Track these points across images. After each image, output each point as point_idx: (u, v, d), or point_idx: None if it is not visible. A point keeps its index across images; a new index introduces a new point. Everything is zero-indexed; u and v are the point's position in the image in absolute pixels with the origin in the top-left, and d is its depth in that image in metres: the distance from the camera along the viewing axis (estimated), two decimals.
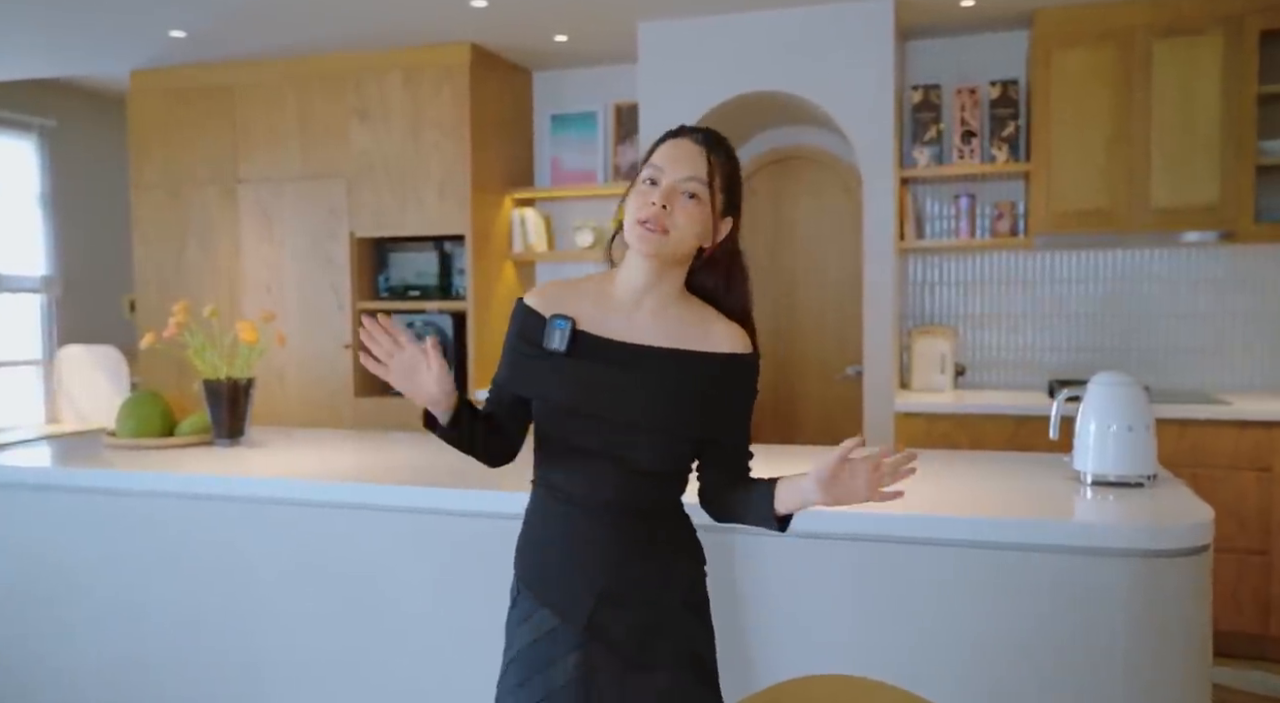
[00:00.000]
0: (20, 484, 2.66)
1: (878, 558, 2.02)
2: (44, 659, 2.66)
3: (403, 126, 4.57)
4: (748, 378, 1.64)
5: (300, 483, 2.40)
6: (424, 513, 2.31)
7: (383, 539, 2.36)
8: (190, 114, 4.89)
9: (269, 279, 4.81)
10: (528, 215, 4.85)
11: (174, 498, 2.50)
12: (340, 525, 2.39)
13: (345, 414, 4.69)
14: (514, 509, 2.22)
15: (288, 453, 2.85)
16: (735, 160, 1.60)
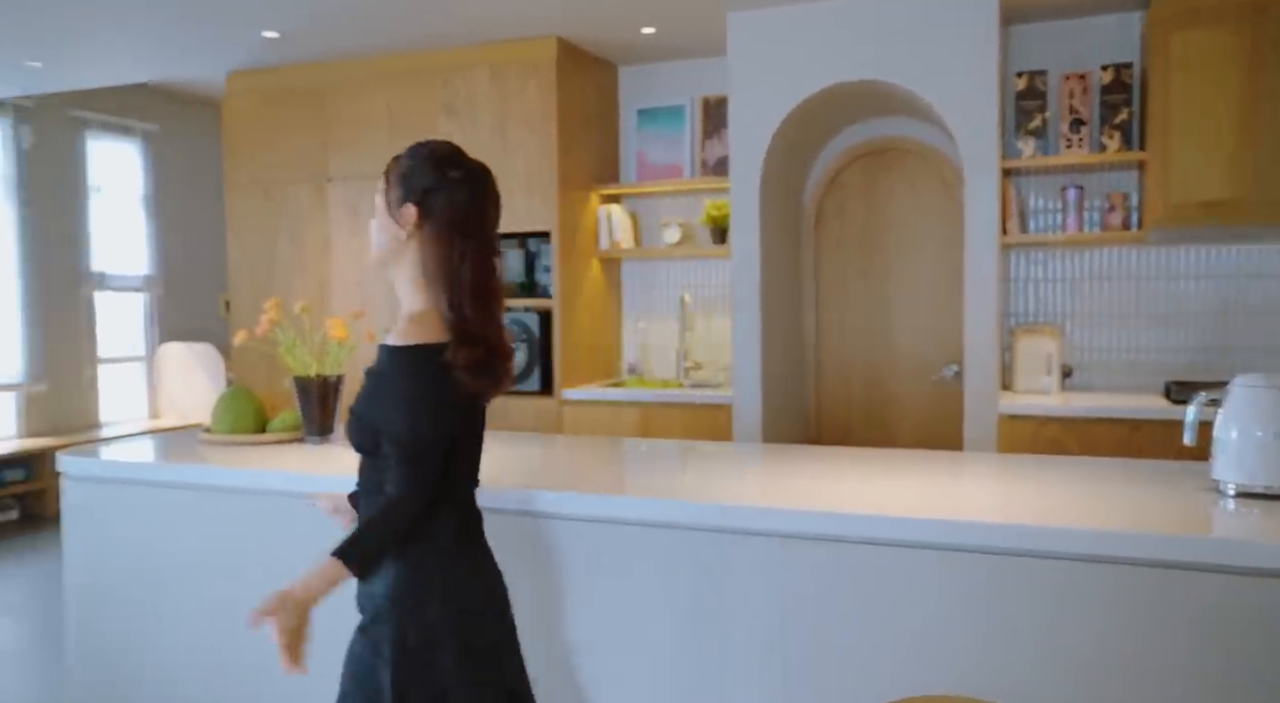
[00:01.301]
0: (121, 479, 2.69)
1: (988, 572, 1.89)
2: (144, 651, 2.69)
3: (489, 123, 4.55)
4: (372, 369, 1.76)
5: None
6: (514, 515, 2.25)
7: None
8: (282, 114, 4.96)
9: (358, 276, 4.85)
10: (614, 212, 4.78)
11: (267, 495, 2.50)
12: None
13: None
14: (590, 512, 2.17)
15: None
16: (419, 154, 1.79)
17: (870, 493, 2.21)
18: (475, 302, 1.67)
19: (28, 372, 6.33)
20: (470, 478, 1.78)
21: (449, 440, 1.66)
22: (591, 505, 2.19)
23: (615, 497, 2.20)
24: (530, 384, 4.63)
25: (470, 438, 1.75)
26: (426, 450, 1.63)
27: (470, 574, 1.74)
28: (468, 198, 1.73)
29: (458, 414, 1.68)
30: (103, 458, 2.73)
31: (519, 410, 4.54)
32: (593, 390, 4.46)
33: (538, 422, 4.51)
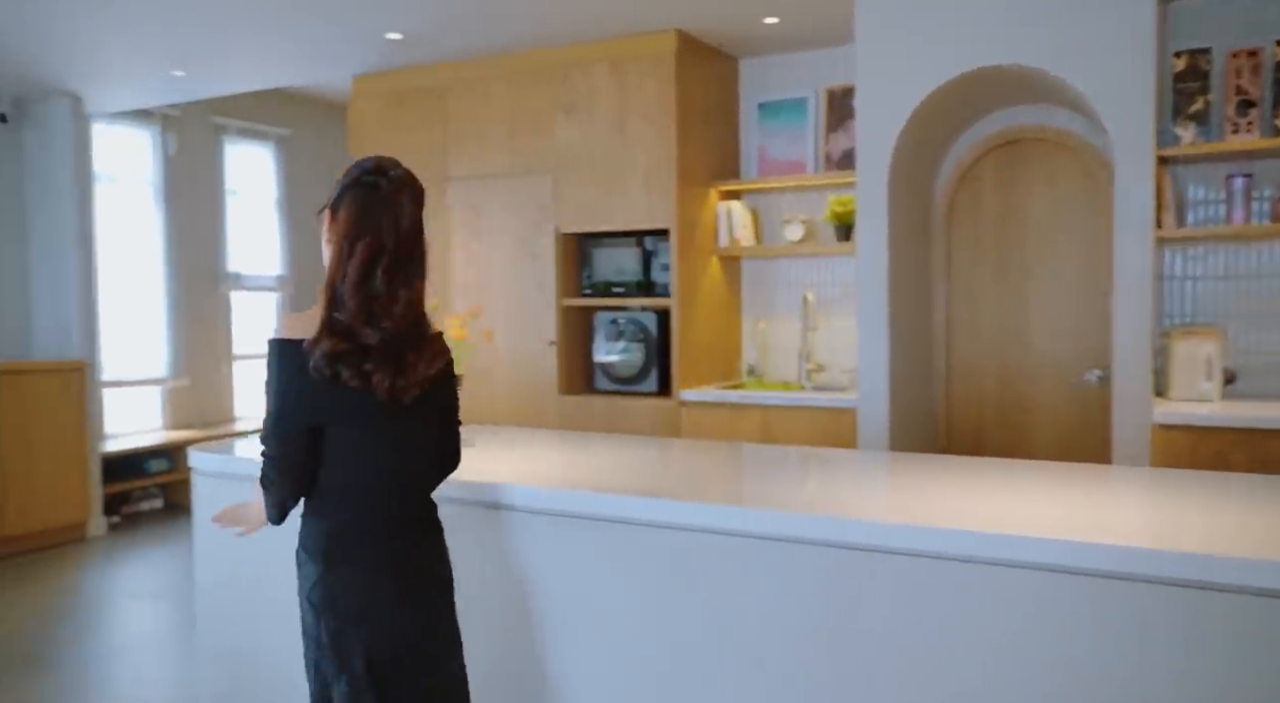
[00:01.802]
0: (245, 476, 2.73)
1: (1145, 602, 1.68)
2: (268, 649, 2.73)
3: (608, 119, 4.49)
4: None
5: (513, 489, 2.32)
6: (637, 525, 2.17)
7: (590, 548, 2.24)
8: (405, 115, 5.03)
9: (477, 276, 4.87)
10: (734, 208, 4.66)
11: None
12: (547, 532, 2.28)
13: (550, 411, 4.67)
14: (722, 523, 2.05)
15: (496, 454, 2.79)
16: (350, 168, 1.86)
17: (1011, 510, 2.03)
18: (355, 299, 1.75)
19: (171, 367, 6.63)
20: (348, 487, 1.81)
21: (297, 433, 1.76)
22: (711, 516, 2.08)
23: (736, 507, 2.08)
24: (648, 385, 4.55)
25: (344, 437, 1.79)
26: (270, 435, 1.78)
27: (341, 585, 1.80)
28: (360, 202, 1.80)
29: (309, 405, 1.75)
30: (228, 455, 2.78)
31: (636, 411, 4.47)
32: (711, 392, 4.35)
33: (655, 423, 4.42)
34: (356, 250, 1.77)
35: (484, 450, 2.82)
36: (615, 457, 2.74)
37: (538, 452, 2.87)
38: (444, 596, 1.94)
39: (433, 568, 1.92)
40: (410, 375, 1.78)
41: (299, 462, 1.78)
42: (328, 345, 1.72)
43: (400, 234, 1.80)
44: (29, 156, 5.82)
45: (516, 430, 3.27)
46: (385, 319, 1.76)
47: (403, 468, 1.85)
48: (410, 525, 1.88)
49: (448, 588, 1.96)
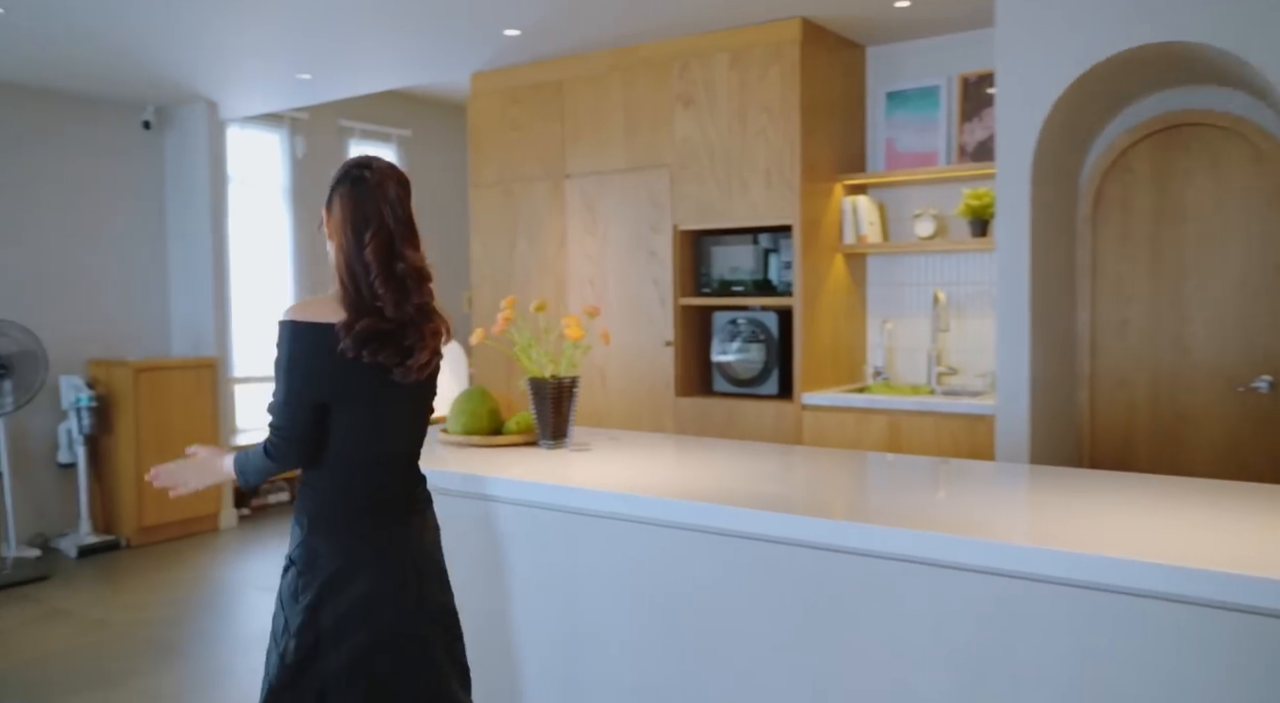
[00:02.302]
0: None
1: None
2: None
3: (727, 112, 4.34)
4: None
5: (627, 498, 2.20)
6: (759, 541, 2.02)
7: (710, 564, 2.10)
8: (523, 112, 4.99)
9: (592, 274, 4.79)
10: (860, 203, 4.44)
11: (499, 503, 2.40)
12: (665, 545, 2.16)
13: (666, 414, 4.56)
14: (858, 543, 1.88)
15: (611, 460, 2.68)
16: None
17: (1179, 537, 1.79)
18: (386, 282, 1.87)
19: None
20: (348, 461, 1.90)
21: (307, 408, 1.85)
22: (845, 535, 1.91)
23: (872, 527, 1.90)
24: (767, 387, 4.38)
25: (349, 412, 1.88)
26: (280, 410, 1.86)
27: (325, 548, 1.88)
28: (353, 193, 1.90)
29: (322, 382, 1.85)
30: None
31: (755, 415, 4.30)
32: (835, 396, 4.15)
33: (775, 429, 4.25)
34: (366, 239, 1.87)
35: (599, 455, 2.71)
36: (736, 465, 2.60)
37: (655, 458, 2.75)
38: (428, 572, 2.00)
39: (418, 542, 1.99)
40: (432, 351, 1.94)
41: (305, 436, 1.87)
42: (368, 323, 1.84)
43: (398, 218, 1.91)
44: (169, 161, 6.06)
45: (632, 435, 3.16)
46: (416, 296, 1.91)
47: (402, 444, 1.99)
48: (403, 500, 1.98)
49: (433, 563, 2.03)
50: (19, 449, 5.38)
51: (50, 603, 4.52)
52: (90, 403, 5.37)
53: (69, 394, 5.40)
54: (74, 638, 4.06)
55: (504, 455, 2.71)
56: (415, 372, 1.90)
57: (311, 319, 1.85)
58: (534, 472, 2.47)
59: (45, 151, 5.48)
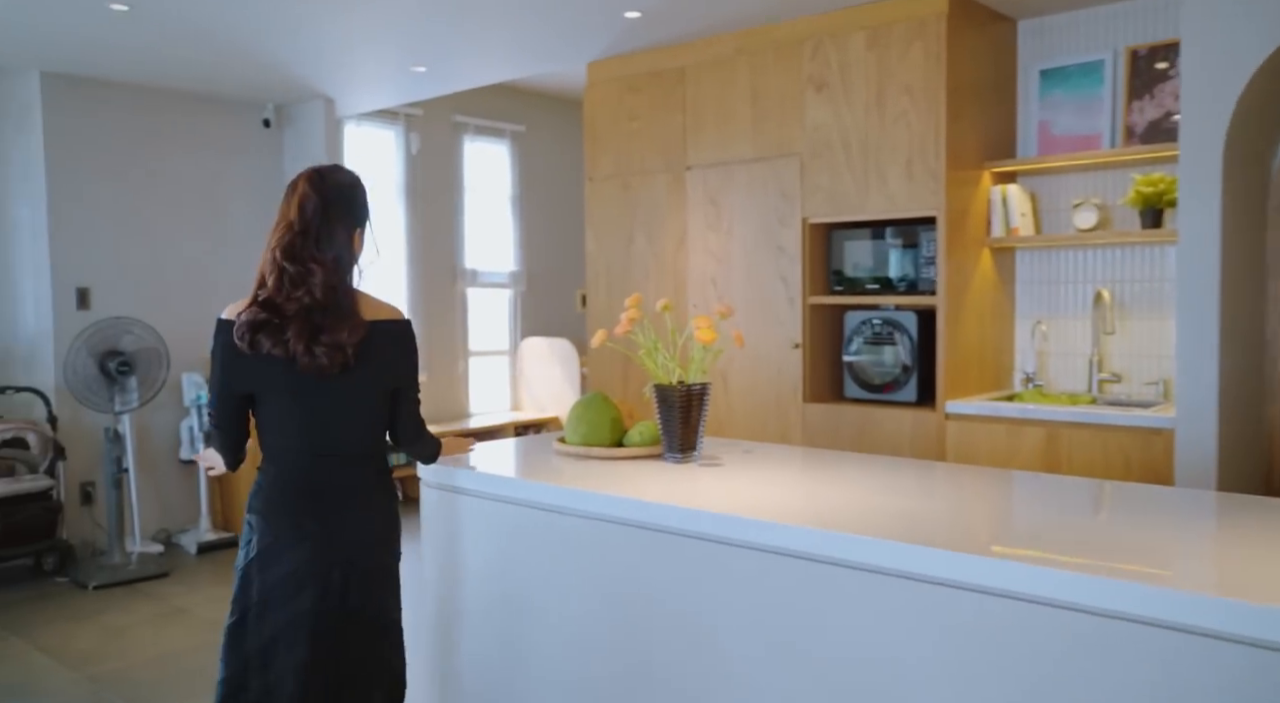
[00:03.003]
0: (468, 491, 2.50)
1: None
2: (495, 669, 2.48)
3: (864, 95, 4.00)
4: None
5: (769, 527, 1.92)
6: (918, 581, 1.71)
7: (868, 608, 1.80)
8: (642, 101, 4.75)
9: (714, 271, 4.52)
10: (1010, 193, 4.03)
11: (621, 526, 2.16)
12: (805, 579, 1.87)
13: (793, 422, 4.25)
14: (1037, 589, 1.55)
15: (746, 477, 2.40)
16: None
17: None
18: (273, 274, 2.00)
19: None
20: (277, 449, 2.04)
21: (227, 399, 2.04)
22: (1020, 578, 1.59)
23: (1050, 570, 1.57)
24: (905, 394, 4.03)
25: (272, 404, 2.02)
26: (211, 400, 2.08)
27: (257, 530, 2.03)
28: (282, 200, 2.08)
29: (238, 374, 2.01)
30: (450, 466, 2.56)
31: (891, 424, 3.95)
32: (983, 404, 3.76)
33: (914, 439, 3.89)
34: (272, 239, 2.03)
35: (732, 472, 2.44)
36: (875, 483, 2.28)
37: (792, 476, 2.45)
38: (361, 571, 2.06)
39: (354, 537, 2.06)
40: (326, 344, 1.95)
41: (231, 423, 2.07)
42: (249, 315, 1.98)
43: (305, 215, 2.01)
44: (287, 158, 6.07)
45: (764, 448, 2.87)
46: (300, 290, 1.97)
47: (331, 436, 2.04)
48: (336, 492, 2.05)
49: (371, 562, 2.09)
50: (144, 446, 5.44)
51: (169, 600, 4.52)
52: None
53: (190, 391, 5.44)
54: (189, 638, 4.02)
55: (627, 470, 2.47)
56: (312, 363, 1.95)
57: (227, 315, 2.04)
58: (663, 491, 2.21)
59: (167, 150, 5.54)
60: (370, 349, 2.02)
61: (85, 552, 5.15)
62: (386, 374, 2.07)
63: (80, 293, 5.19)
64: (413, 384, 2.15)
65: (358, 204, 2.11)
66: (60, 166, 5.10)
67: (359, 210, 2.11)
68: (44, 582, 4.81)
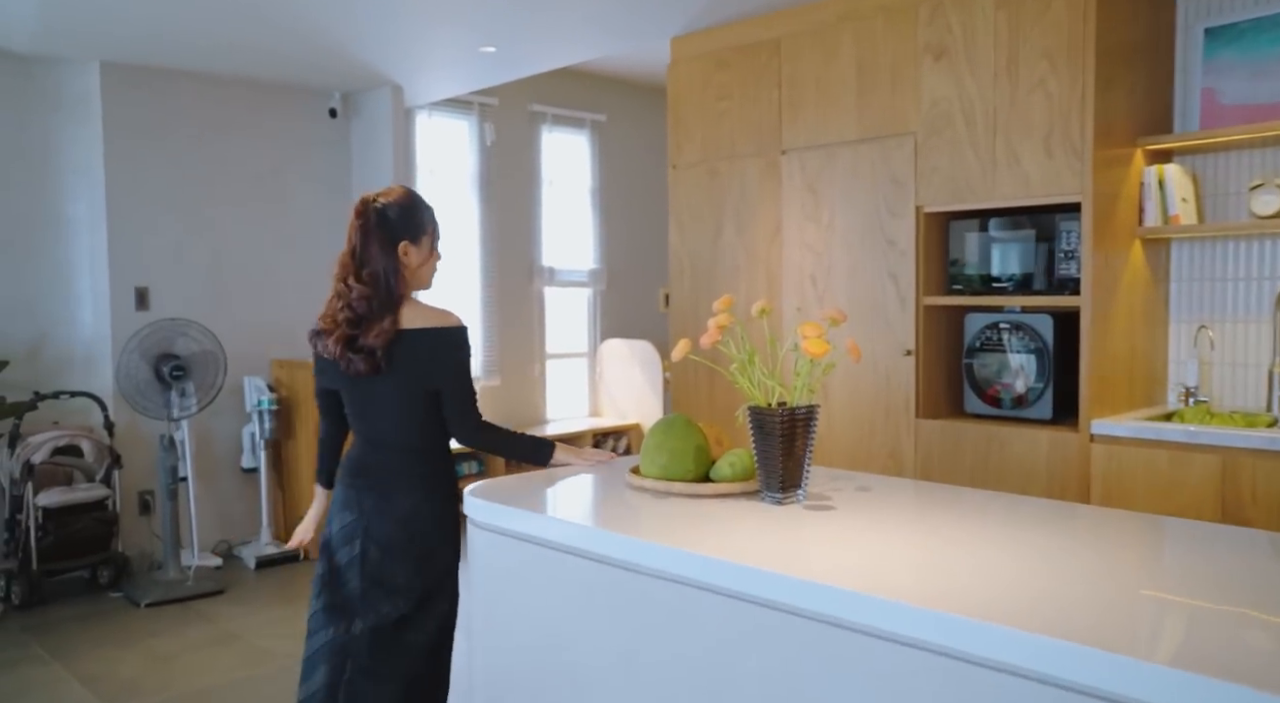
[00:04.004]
0: (519, 535, 2.06)
1: None
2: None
3: (994, 63, 3.43)
4: None
5: (899, 610, 1.43)
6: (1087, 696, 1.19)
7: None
8: (731, 78, 4.26)
9: (813, 267, 4.00)
10: (1169, 174, 3.42)
11: (710, 594, 1.68)
12: (943, 682, 1.37)
13: (904, 441, 3.70)
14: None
15: (861, 527, 1.90)
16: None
17: None
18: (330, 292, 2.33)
19: (484, 367, 6.40)
20: (351, 428, 2.41)
21: (318, 392, 2.44)
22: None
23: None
24: (1039, 410, 3.45)
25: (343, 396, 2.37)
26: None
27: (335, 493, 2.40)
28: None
29: (320, 372, 2.38)
30: (501, 504, 2.12)
31: (1023, 446, 3.38)
32: (1139, 425, 3.16)
33: (1051, 465, 3.32)
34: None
35: (848, 518, 1.94)
36: (1022, 541, 1.75)
37: (908, 521, 1.94)
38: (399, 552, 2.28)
39: (397, 517, 2.27)
40: (358, 350, 2.22)
41: (325, 411, 2.46)
42: (315, 325, 2.33)
43: (350, 238, 2.29)
44: (355, 150, 5.76)
45: (882, 482, 2.36)
46: (341, 303, 2.26)
47: (370, 426, 2.32)
48: (387, 475, 2.29)
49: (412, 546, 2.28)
50: (205, 453, 5.19)
51: (221, 623, 4.22)
52: (271, 406, 5.11)
53: (252, 396, 5.16)
54: (236, 668, 3.70)
55: (715, 512, 1.99)
56: (350, 367, 2.23)
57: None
58: (764, 549, 1.73)
59: (230, 143, 5.27)
60: (403, 353, 2.23)
61: (142, 565, 4.92)
62: (421, 376, 2.26)
63: (139, 293, 4.96)
64: (456, 385, 2.28)
65: (401, 222, 2.29)
66: (119, 160, 4.87)
67: (402, 228, 2.29)
68: (98, 596, 4.58)
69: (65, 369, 4.88)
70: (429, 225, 2.34)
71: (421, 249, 2.32)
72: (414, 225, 2.31)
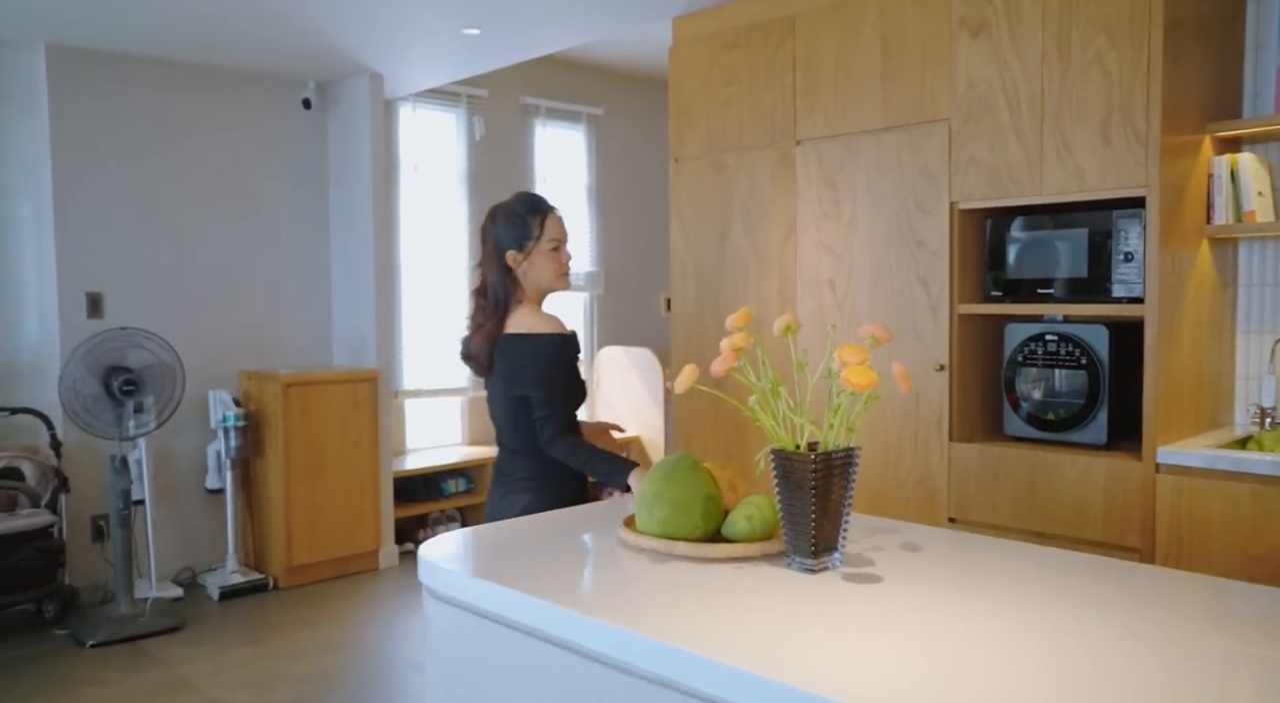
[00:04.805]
0: (484, 613, 1.63)
1: None
2: None
3: (1040, 37, 3.01)
4: None
5: None
6: None
7: None
8: (740, 61, 3.84)
9: (831, 271, 3.58)
10: (1243, 165, 2.99)
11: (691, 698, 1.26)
12: None
13: (937, 467, 3.28)
14: None
15: (916, 604, 1.48)
16: None
17: None
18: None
19: (472, 376, 5.97)
20: None
21: None
22: None
23: None
24: (1091, 433, 3.03)
25: None
26: None
27: None
28: None
29: None
30: (457, 571, 1.69)
31: (1075, 475, 2.95)
32: (1215, 453, 2.73)
33: (1110, 498, 2.89)
34: None
35: (898, 592, 1.51)
36: (1107, 620, 1.33)
37: (953, 591, 1.51)
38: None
39: (496, 509, 2.36)
40: (469, 356, 2.40)
41: None
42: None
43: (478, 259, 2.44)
44: (332, 144, 5.34)
45: (919, 535, 1.94)
46: (468, 318, 2.44)
47: (494, 425, 2.43)
48: (500, 470, 2.41)
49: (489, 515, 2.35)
50: (166, 473, 4.77)
51: (173, 667, 3.80)
52: (238, 421, 4.68)
53: (216, 411, 4.74)
54: None
55: (731, 583, 1.57)
56: (474, 370, 2.40)
57: None
58: (797, 645, 1.31)
59: (193, 135, 4.85)
60: (501, 358, 2.31)
61: (95, 597, 4.49)
62: (511, 381, 2.31)
63: (92, 299, 4.54)
64: (535, 394, 2.27)
65: (507, 232, 2.34)
66: (68, 155, 4.45)
67: (508, 238, 2.34)
68: (42, 634, 4.15)
69: (8, 383, 4.46)
70: (536, 231, 2.33)
71: (533, 256, 2.33)
72: (520, 234, 2.33)
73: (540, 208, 2.38)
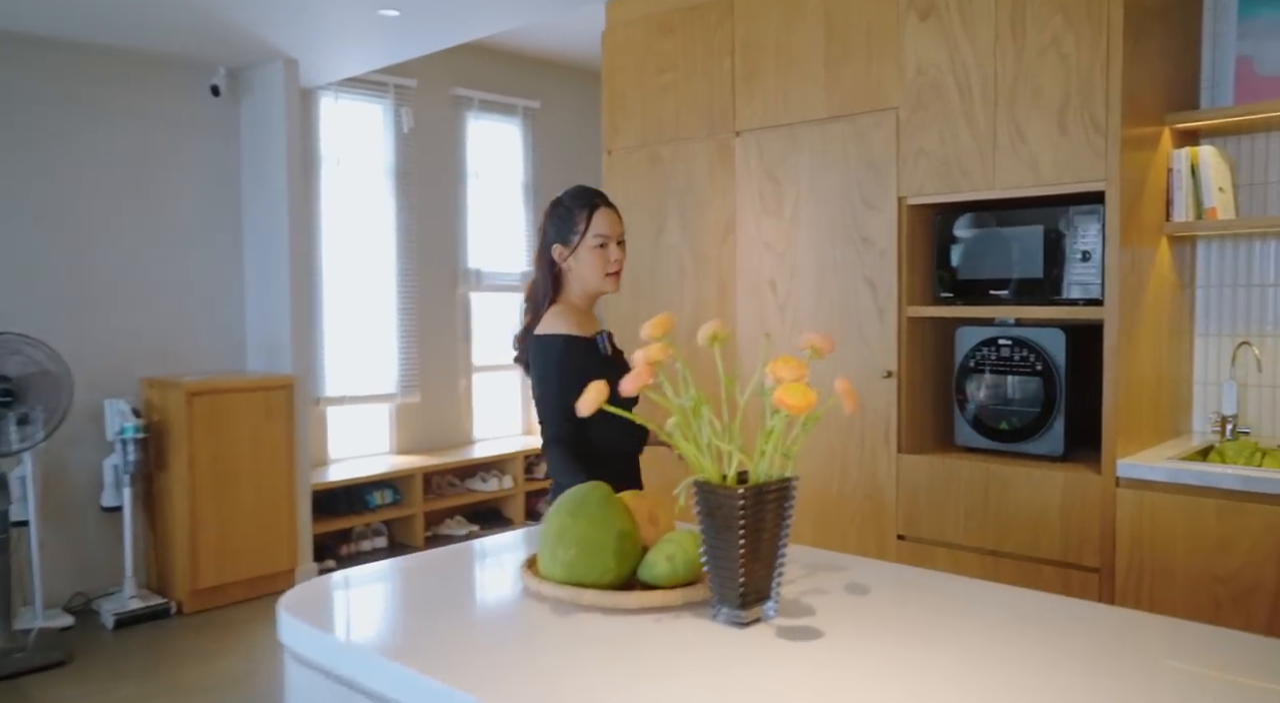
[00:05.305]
0: (368, 691, 1.35)
1: None
2: None
3: (994, 20, 2.81)
4: None
5: None
6: None
7: None
8: (676, 46, 3.59)
9: (773, 271, 3.35)
10: (1204, 158, 2.82)
11: None
12: None
13: (884, 479, 3.06)
14: None
15: (872, 668, 1.24)
16: None
17: None
18: None
19: (401, 382, 5.66)
20: None
21: None
22: None
23: None
24: (1047, 444, 2.84)
25: None
26: None
27: None
28: None
29: None
30: (326, 638, 1.41)
31: (1030, 488, 2.76)
32: (1178, 466, 2.55)
33: (1067, 514, 2.69)
34: None
35: (820, 646, 1.27)
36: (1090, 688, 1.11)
37: (905, 643, 1.28)
38: None
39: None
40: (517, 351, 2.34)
41: None
42: None
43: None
44: (244, 135, 4.98)
45: (862, 571, 1.71)
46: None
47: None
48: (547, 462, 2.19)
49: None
50: (56, 490, 4.38)
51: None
52: (137, 433, 4.32)
53: (113, 422, 4.37)
54: None
55: (648, 640, 1.32)
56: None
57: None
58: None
59: (90, 125, 4.47)
60: (528, 356, 2.24)
61: None
62: (532, 379, 2.23)
63: None
64: (534, 395, 2.21)
65: (555, 226, 2.23)
66: None
67: (555, 232, 2.23)
68: None
69: None
70: (582, 225, 2.19)
71: (578, 252, 2.21)
72: (566, 228, 2.22)
73: (588, 200, 2.22)
